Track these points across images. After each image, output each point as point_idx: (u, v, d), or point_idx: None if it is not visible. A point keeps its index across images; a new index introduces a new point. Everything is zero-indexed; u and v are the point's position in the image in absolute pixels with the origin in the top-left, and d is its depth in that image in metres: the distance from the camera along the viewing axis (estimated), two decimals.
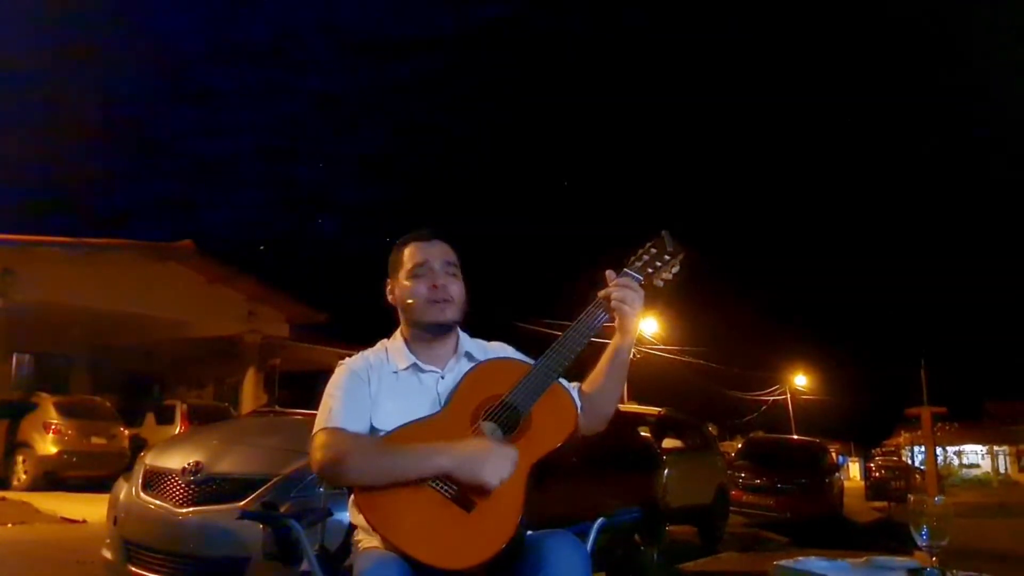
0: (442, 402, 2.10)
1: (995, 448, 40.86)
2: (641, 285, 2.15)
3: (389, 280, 2.28)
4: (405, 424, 2.02)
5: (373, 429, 2.07)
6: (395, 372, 2.17)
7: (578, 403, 2.14)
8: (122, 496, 4.61)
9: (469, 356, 2.23)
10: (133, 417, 17.41)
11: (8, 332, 14.98)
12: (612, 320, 2.14)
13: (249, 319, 19.08)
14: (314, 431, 2.06)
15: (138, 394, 19.99)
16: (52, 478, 14.38)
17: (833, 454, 19.08)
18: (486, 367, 2.16)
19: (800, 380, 45.26)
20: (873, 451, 43.36)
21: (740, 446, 16.84)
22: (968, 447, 41.50)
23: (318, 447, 2.00)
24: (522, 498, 1.91)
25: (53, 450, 14.54)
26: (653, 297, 2.18)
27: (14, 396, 15.88)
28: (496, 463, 1.88)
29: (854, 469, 46.76)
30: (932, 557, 2.10)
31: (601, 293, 2.15)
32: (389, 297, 2.28)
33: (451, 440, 1.94)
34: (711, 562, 9.02)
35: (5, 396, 15.83)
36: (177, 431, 16.59)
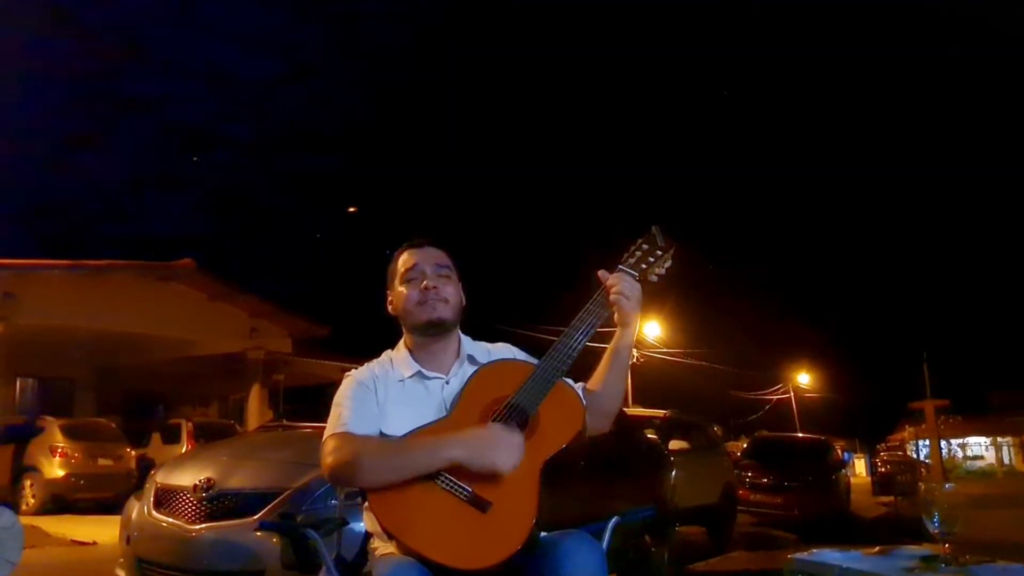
0: (448, 407, 2.12)
1: (999, 440, 40.74)
2: (637, 280, 2.19)
3: (388, 291, 2.31)
4: (414, 430, 2.04)
5: (383, 437, 2.10)
6: (400, 380, 2.20)
7: (584, 400, 2.17)
8: (134, 515, 4.63)
9: (472, 360, 2.26)
10: (139, 437, 17.42)
11: (11, 356, 14.99)
12: (612, 316, 2.17)
13: (252, 335, 19.10)
14: (324, 438, 2.09)
15: (143, 414, 20.00)
16: (60, 501, 14.38)
17: (838, 450, 19.05)
18: (491, 369, 2.19)
19: (803, 378, 45.30)
20: (878, 447, 43.28)
21: (746, 445, 16.81)
22: (972, 439, 41.42)
23: (328, 452, 2.03)
24: (536, 497, 1.94)
25: (60, 473, 14.54)
26: (649, 292, 2.22)
27: (20, 420, 15.89)
28: (506, 448, 1.92)
29: (859, 465, 46.67)
30: (944, 544, 2.13)
31: (601, 285, 2.18)
32: (389, 308, 2.31)
33: (458, 432, 1.97)
34: (721, 561, 9.03)
35: (10, 420, 15.83)
36: (183, 450, 16.63)
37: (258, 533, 4.05)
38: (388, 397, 2.16)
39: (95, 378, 19.84)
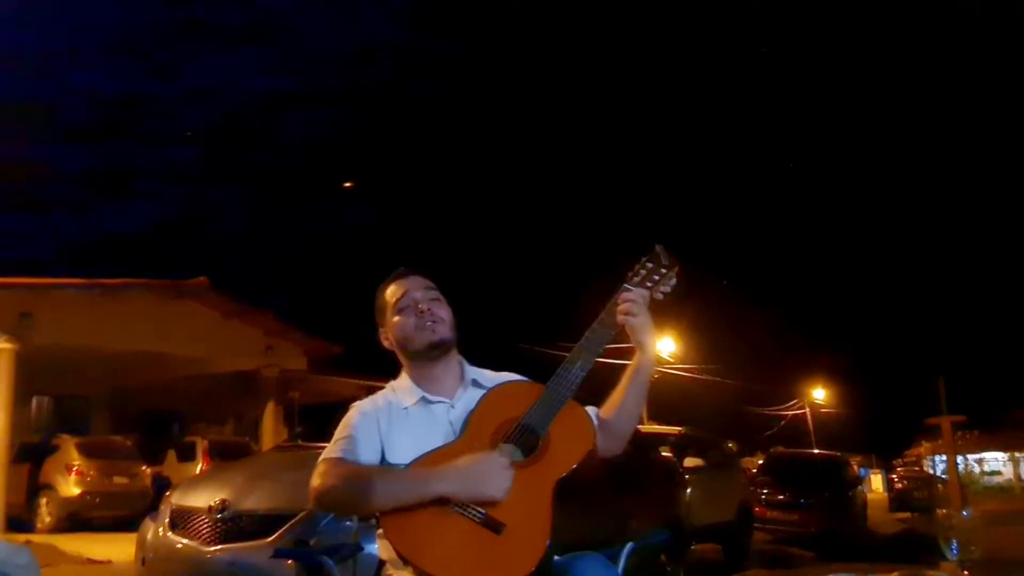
0: (456, 431, 2.12)
1: (1017, 455, 40.38)
2: (644, 296, 2.18)
3: (380, 327, 2.31)
4: (423, 455, 2.03)
5: (388, 465, 2.09)
6: (404, 408, 2.19)
7: (594, 420, 2.17)
8: (149, 536, 4.66)
9: (476, 383, 2.25)
10: (154, 455, 17.45)
11: (27, 375, 15.06)
12: (619, 333, 2.16)
13: (266, 353, 19.13)
14: (320, 459, 2.09)
15: (158, 432, 20.03)
16: (76, 519, 14.43)
17: (854, 467, 18.94)
18: (500, 391, 2.18)
19: (819, 393, 45.06)
20: (894, 462, 42.99)
21: (762, 462, 16.74)
22: (989, 454, 41.07)
23: (315, 475, 2.04)
24: (549, 518, 1.94)
25: (76, 491, 14.60)
26: (661, 310, 2.22)
27: (36, 439, 15.97)
28: (495, 475, 1.91)
29: (876, 481, 46.31)
30: (964, 571, 2.11)
31: (610, 306, 2.18)
32: (385, 343, 2.30)
33: (447, 463, 1.96)
34: None
35: (27, 439, 15.92)
36: (199, 468, 16.67)
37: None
38: (392, 426, 2.16)
39: (110, 396, 19.91)
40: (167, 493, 4.99)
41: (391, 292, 2.28)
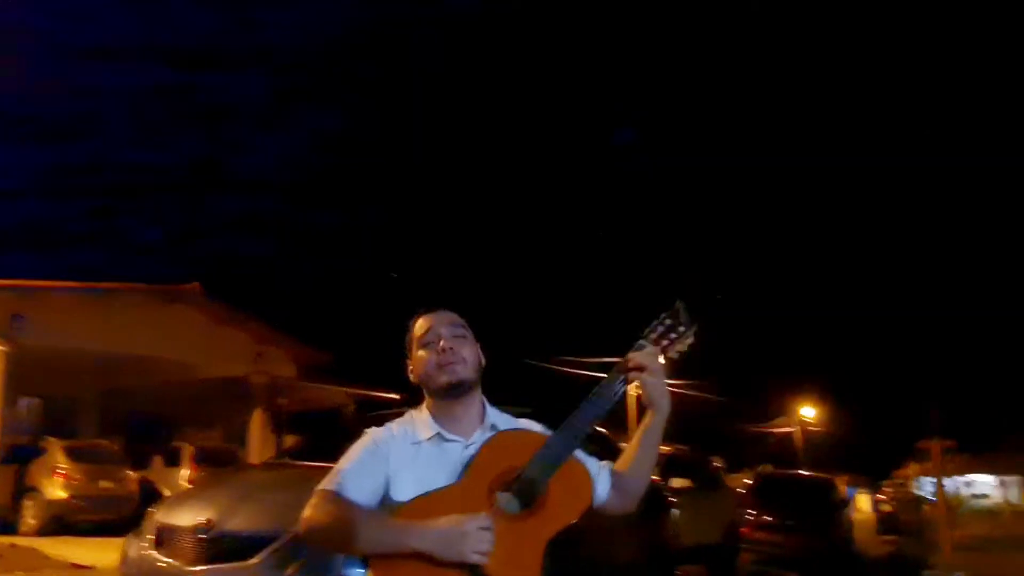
0: (458, 476, 2.09)
1: (1006, 479, 40.47)
2: (658, 355, 2.16)
3: (408, 359, 2.29)
4: (421, 495, 2.02)
5: (391, 500, 2.07)
6: (417, 443, 2.17)
7: (594, 477, 2.15)
8: (132, 553, 4.64)
9: (494, 428, 2.22)
10: (140, 459, 17.39)
11: (16, 376, 15.03)
12: (629, 386, 2.13)
13: (256, 360, 19.11)
14: (318, 487, 2.06)
15: (146, 436, 19.98)
16: (61, 522, 14.36)
17: (842, 487, 18.97)
18: (503, 438, 2.15)
19: (808, 411, 45.00)
20: (883, 483, 42.98)
21: (750, 483, 16.72)
22: (979, 477, 41.17)
23: (308, 506, 2.00)
24: (538, 574, 1.93)
25: (62, 495, 14.54)
26: (667, 369, 2.20)
27: (22, 441, 15.91)
28: (474, 538, 1.89)
29: (863, 501, 46.34)
30: None
31: (621, 362, 2.15)
32: (411, 376, 2.28)
33: (432, 519, 1.93)
34: None
35: (13, 441, 15.85)
36: (184, 473, 16.63)
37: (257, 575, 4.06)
38: (402, 460, 2.12)
39: (99, 398, 19.86)
40: (151, 509, 4.95)
41: (419, 326, 2.25)
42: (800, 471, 21.48)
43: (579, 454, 2.14)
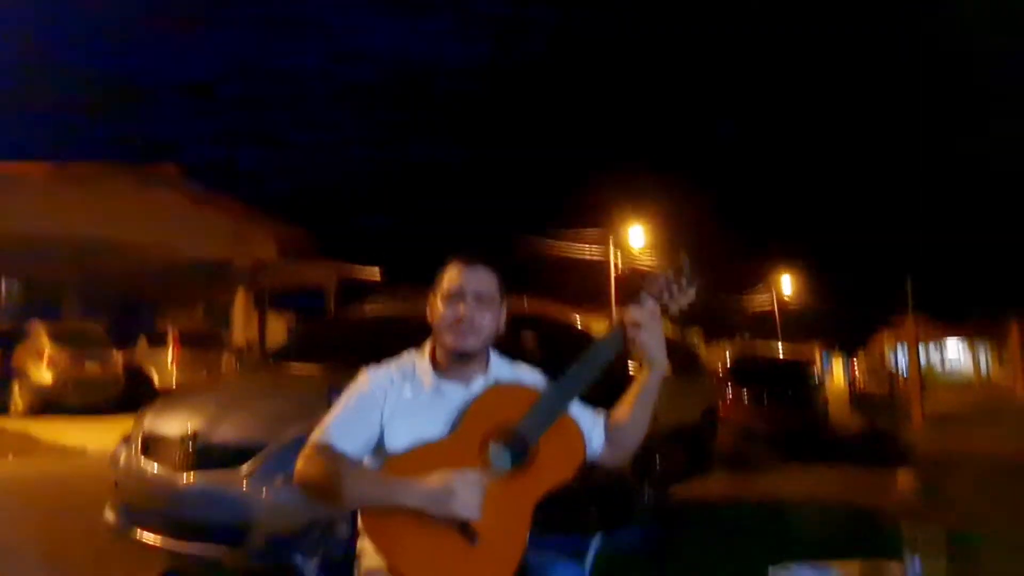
0: (452, 425, 2.08)
1: (976, 344, 41.33)
2: (657, 308, 2.13)
3: (432, 295, 2.24)
4: (413, 447, 2.02)
5: (384, 448, 2.07)
6: (416, 391, 2.15)
7: (587, 435, 2.15)
8: (122, 460, 4.67)
9: (497, 381, 2.20)
10: (126, 341, 17.45)
11: None
12: (630, 346, 2.11)
13: (236, 241, 19.00)
14: (310, 437, 2.06)
15: (130, 316, 20.01)
16: (49, 404, 14.56)
17: (818, 358, 19.37)
18: (496, 392, 2.14)
19: (786, 280, 45.49)
20: (857, 351, 43.92)
21: (727, 362, 17.01)
22: (950, 342, 42.07)
23: (302, 458, 2.00)
24: (526, 532, 1.95)
25: (48, 378, 14.68)
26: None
27: (6, 326, 15.91)
28: (464, 496, 1.89)
29: (838, 368, 47.53)
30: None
31: (617, 317, 2.13)
32: (428, 312, 2.24)
33: (421, 481, 1.94)
34: (702, 485, 9.23)
35: None
36: (170, 354, 16.75)
37: (244, 488, 4.11)
38: (397, 408, 2.11)
39: (81, 280, 19.77)
40: (139, 414, 4.96)
41: (448, 277, 2.20)
42: (776, 348, 21.81)
43: (574, 409, 2.13)
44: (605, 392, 2.23)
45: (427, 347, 2.25)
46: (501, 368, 2.25)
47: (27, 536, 6.11)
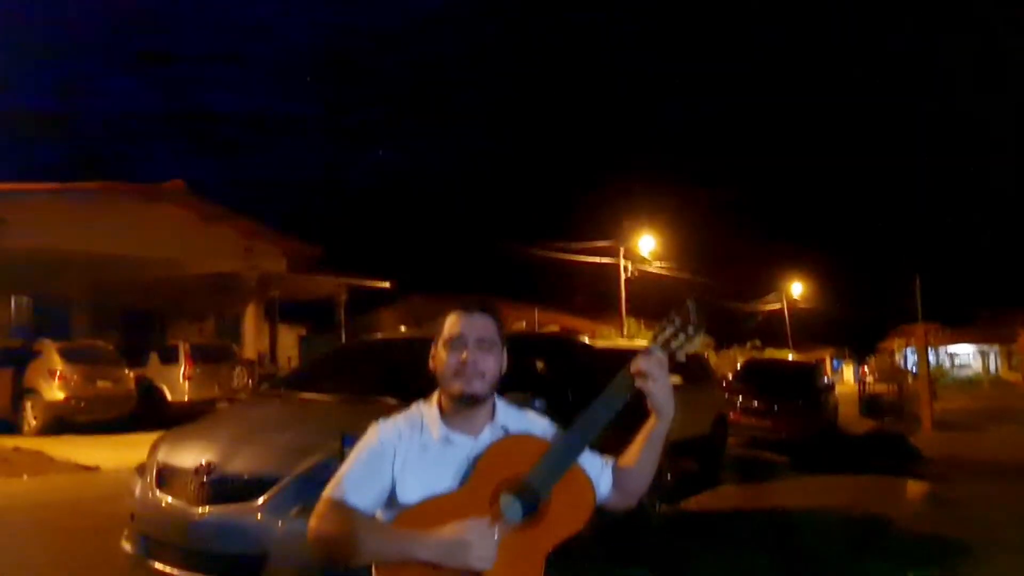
0: (463, 477, 2.10)
1: (986, 348, 41.24)
2: (664, 357, 2.11)
3: (433, 346, 2.25)
4: (424, 500, 2.04)
5: (396, 500, 2.09)
6: (425, 442, 2.16)
7: (595, 483, 2.16)
8: (137, 491, 4.71)
9: (505, 429, 2.21)
10: (136, 356, 17.47)
11: (4, 276, 14.99)
12: (635, 395, 2.10)
13: (246, 255, 19.06)
14: (323, 493, 2.07)
15: (140, 332, 20.03)
16: (62, 423, 14.58)
17: (828, 364, 19.32)
18: (506, 443, 2.15)
19: (796, 287, 45.36)
20: (867, 358, 43.70)
21: (737, 369, 17.00)
22: (959, 347, 41.92)
23: (315, 515, 2.02)
24: None
25: (60, 396, 14.70)
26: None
27: (16, 344, 15.97)
28: (478, 547, 1.92)
29: (848, 372, 47.30)
30: None
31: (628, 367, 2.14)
32: (431, 363, 2.25)
33: (436, 527, 1.96)
34: (712, 498, 9.23)
35: (7, 343, 15.92)
36: (182, 370, 16.77)
37: (259, 520, 4.15)
38: (408, 461, 2.12)
39: (91, 297, 19.82)
40: (154, 445, 5.01)
41: (450, 323, 2.21)
42: (786, 354, 21.78)
43: (584, 457, 2.15)
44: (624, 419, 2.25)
45: (434, 397, 2.26)
46: (508, 416, 2.25)
47: (47, 560, 6.17)
